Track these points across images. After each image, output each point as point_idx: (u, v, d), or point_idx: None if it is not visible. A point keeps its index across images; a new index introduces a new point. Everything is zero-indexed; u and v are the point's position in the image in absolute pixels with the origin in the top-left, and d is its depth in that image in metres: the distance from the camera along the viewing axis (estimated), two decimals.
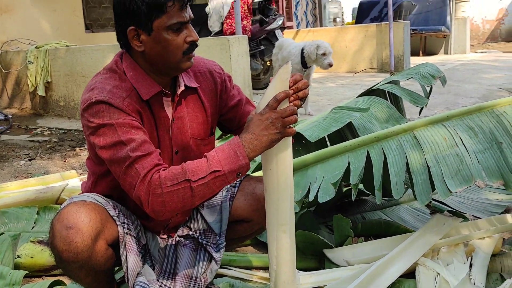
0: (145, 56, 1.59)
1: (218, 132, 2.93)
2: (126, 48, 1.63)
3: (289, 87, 1.46)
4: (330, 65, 5.20)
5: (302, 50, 5.26)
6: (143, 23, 1.52)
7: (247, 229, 1.90)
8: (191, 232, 1.88)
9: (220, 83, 1.79)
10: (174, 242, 1.88)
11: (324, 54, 5.13)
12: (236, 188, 1.87)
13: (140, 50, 1.57)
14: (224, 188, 1.86)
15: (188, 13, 1.56)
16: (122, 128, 1.50)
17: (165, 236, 1.87)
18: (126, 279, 1.62)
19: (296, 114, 1.46)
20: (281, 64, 5.72)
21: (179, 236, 1.88)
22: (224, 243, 1.87)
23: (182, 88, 1.67)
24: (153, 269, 1.80)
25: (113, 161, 1.50)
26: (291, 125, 1.46)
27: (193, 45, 1.58)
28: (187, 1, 1.54)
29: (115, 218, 1.60)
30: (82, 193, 1.77)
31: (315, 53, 5.15)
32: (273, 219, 1.56)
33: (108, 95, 1.53)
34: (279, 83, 1.45)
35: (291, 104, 1.46)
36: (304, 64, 5.29)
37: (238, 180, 1.80)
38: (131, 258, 1.61)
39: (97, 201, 1.61)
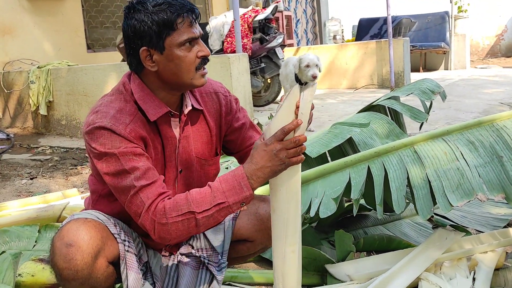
0: (159, 75, 1.59)
1: None
2: (137, 69, 1.62)
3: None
4: (314, 77, 5.00)
5: None
6: (155, 42, 1.53)
7: (250, 249, 1.90)
8: (193, 251, 1.87)
9: (224, 104, 1.80)
10: (176, 260, 1.87)
11: (307, 65, 5.03)
12: None
13: (154, 70, 1.57)
14: None
15: (198, 29, 1.57)
16: (124, 156, 1.50)
17: (167, 254, 1.86)
18: None
19: (302, 145, 1.44)
20: (288, 82, 5.75)
21: (181, 254, 1.87)
22: (226, 262, 1.86)
23: (189, 108, 1.68)
24: (154, 287, 1.78)
25: (118, 188, 1.52)
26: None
27: (205, 59, 1.59)
28: (196, 17, 1.56)
29: (116, 236, 1.60)
30: (85, 209, 1.77)
31: (298, 66, 5.11)
32: (281, 239, 1.55)
33: (111, 121, 1.53)
34: (286, 109, 1.43)
35: (299, 135, 1.43)
36: (298, 80, 5.27)
37: None
38: (132, 276, 1.61)
39: (98, 218, 1.61)
